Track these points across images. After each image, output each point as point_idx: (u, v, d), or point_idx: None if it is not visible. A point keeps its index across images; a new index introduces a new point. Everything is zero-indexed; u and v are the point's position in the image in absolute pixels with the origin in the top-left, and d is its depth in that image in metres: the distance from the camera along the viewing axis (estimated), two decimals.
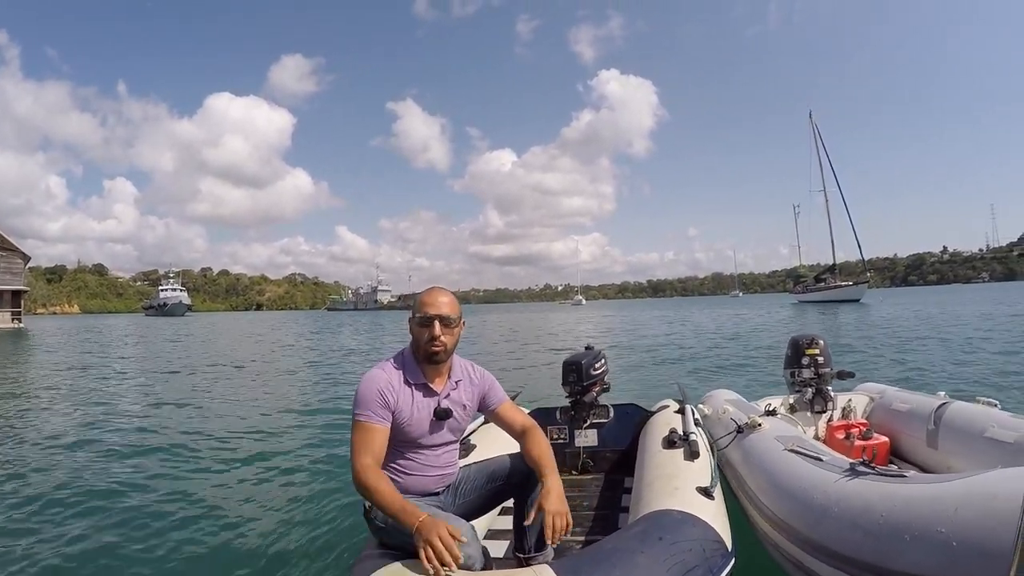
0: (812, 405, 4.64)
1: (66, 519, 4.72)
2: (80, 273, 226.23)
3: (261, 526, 4.47)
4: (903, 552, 2.07)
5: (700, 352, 17.37)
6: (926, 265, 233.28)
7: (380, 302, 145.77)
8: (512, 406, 2.74)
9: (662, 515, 2.42)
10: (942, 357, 13.52)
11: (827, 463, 2.80)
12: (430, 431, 2.49)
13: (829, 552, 2.38)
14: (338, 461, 6.10)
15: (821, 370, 4.65)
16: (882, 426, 4.36)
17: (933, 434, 3.89)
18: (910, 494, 2.22)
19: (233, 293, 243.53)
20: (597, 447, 4.27)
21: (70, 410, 10.00)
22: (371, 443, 2.32)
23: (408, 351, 2.56)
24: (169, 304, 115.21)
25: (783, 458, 3.08)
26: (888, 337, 19.05)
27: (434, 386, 2.51)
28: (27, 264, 55.72)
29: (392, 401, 2.39)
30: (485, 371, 2.73)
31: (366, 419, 2.34)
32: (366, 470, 2.26)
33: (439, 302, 2.49)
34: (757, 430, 3.63)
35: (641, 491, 2.90)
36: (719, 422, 4.12)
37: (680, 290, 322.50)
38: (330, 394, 11.36)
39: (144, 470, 6.07)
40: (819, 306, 52.69)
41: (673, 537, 2.23)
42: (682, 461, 3.09)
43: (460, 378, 2.61)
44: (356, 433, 2.34)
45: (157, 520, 4.64)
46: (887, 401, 4.52)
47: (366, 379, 2.42)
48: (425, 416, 2.47)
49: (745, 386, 9.07)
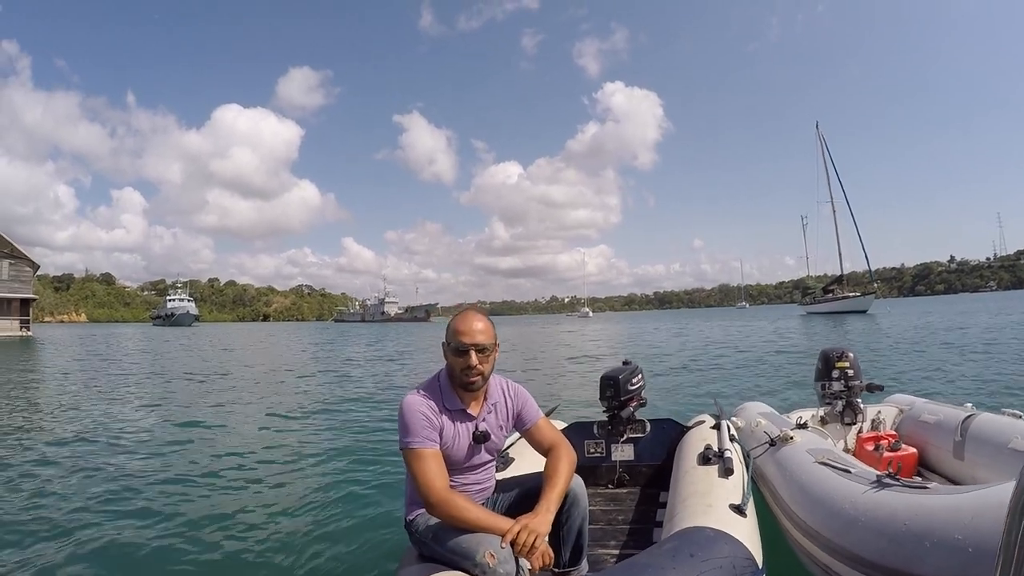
0: (842, 417, 4.70)
1: (88, 535, 4.69)
2: (88, 282, 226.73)
3: (295, 538, 4.49)
4: (923, 558, 2.21)
5: (718, 364, 17.34)
6: (933, 275, 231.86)
7: (387, 314, 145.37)
8: (546, 423, 2.73)
9: (694, 532, 2.46)
10: (954, 367, 13.48)
11: (855, 475, 2.93)
12: (469, 454, 2.52)
13: (857, 559, 2.50)
14: (369, 471, 6.14)
15: (851, 383, 4.69)
16: (911, 437, 4.40)
17: (960, 445, 3.93)
18: (931, 504, 2.37)
19: (240, 304, 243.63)
20: (633, 461, 4.29)
21: (84, 420, 10.04)
22: (436, 467, 2.35)
23: (444, 376, 2.55)
24: (176, 314, 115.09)
25: (814, 470, 3.19)
26: (892, 348, 19.06)
27: (471, 410, 2.53)
28: (36, 272, 55.76)
29: (436, 424, 2.41)
30: (519, 388, 2.73)
31: (420, 445, 2.36)
32: (444, 493, 2.29)
33: (473, 329, 2.47)
34: (789, 443, 3.73)
35: (675, 507, 2.94)
36: (752, 435, 4.18)
37: (687, 302, 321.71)
38: (354, 405, 11.34)
39: (171, 483, 6.05)
40: (827, 317, 52.54)
41: (704, 554, 2.27)
42: (716, 478, 3.13)
43: (496, 400, 2.62)
44: (416, 461, 2.35)
45: (191, 530, 4.68)
46: (916, 413, 4.56)
47: (407, 406, 2.41)
48: (464, 441, 2.49)
49: (769, 396, 9.12)
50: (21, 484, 6.04)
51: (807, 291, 73.61)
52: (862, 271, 69.84)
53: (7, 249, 50.53)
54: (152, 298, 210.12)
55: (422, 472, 2.32)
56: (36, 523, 4.92)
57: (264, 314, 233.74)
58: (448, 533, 2.27)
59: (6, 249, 50.46)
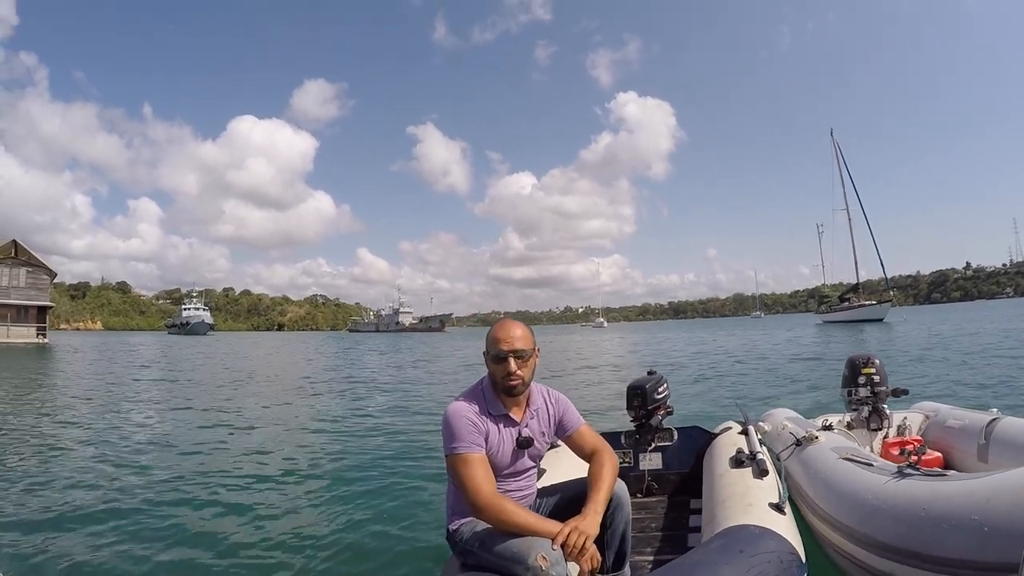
0: (869, 423, 4.75)
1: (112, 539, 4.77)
2: (104, 290, 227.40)
3: (336, 547, 4.51)
4: (941, 539, 2.34)
5: (738, 372, 17.36)
6: (949, 282, 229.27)
7: (402, 324, 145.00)
8: (588, 429, 2.77)
9: (739, 530, 2.55)
10: (971, 373, 13.46)
11: (877, 468, 3.08)
12: (512, 460, 2.56)
13: (879, 545, 2.64)
14: (401, 483, 6.19)
15: (877, 388, 4.73)
16: (936, 443, 4.44)
17: (984, 449, 3.99)
18: (949, 489, 2.50)
19: (255, 313, 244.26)
20: (662, 470, 4.33)
21: (106, 425, 10.21)
22: (484, 472, 2.38)
23: (486, 383, 2.60)
24: (192, 323, 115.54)
25: (838, 466, 3.32)
26: (908, 355, 19.00)
27: (514, 416, 2.58)
28: (52, 280, 56.25)
29: (482, 429, 2.46)
30: (560, 395, 2.78)
31: (467, 450, 2.39)
32: (493, 497, 2.33)
33: (512, 336, 2.54)
34: (815, 443, 3.83)
35: (714, 509, 3.01)
36: (778, 438, 4.25)
37: (701, 311, 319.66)
38: (384, 413, 11.46)
39: (200, 493, 6.07)
40: (843, 326, 52.29)
41: (752, 550, 2.35)
42: (751, 479, 3.19)
43: (538, 406, 2.67)
44: (463, 467, 2.37)
45: (224, 540, 4.74)
46: (941, 418, 4.60)
47: (452, 412, 2.45)
48: (508, 446, 2.53)
49: (791, 401, 9.17)
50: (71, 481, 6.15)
51: (823, 300, 73.36)
52: (877, 279, 69.32)
53: (25, 257, 51.16)
54: (167, 307, 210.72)
55: (470, 477, 2.35)
56: (104, 520, 5.07)
57: (279, 323, 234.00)
58: (496, 539, 2.29)
59: (24, 257, 51.07)
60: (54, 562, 4.30)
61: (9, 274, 49.80)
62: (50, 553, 4.45)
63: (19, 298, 50.00)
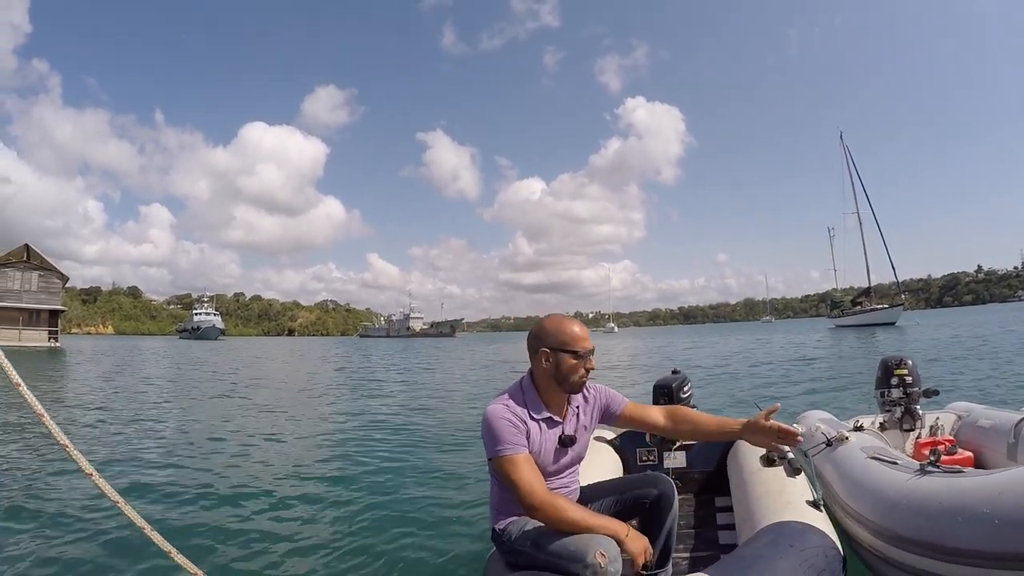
0: (901, 424, 4.77)
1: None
2: (115, 295, 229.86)
3: (368, 548, 4.51)
4: (956, 531, 2.43)
5: (755, 374, 17.40)
6: (961, 285, 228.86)
7: (412, 329, 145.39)
8: (636, 404, 2.79)
9: (784, 525, 2.63)
10: (981, 376, 13.50)
11: (901, 465, 3.17)
12: (555, 459, 2.53)
13: (900, 538, 2.72)
14: (437, 484, 6.18)
15: (909, 389, 4.76)
16: (968, 443, 4.44)
17: (1013, 447, 3.99)
18: (965, 484, 2.59)
19: (265, 318, 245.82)
20: (686, 468, 4.34)
21: (125, 431, 10.20)
22: (532, 471, 2.35)
23: (527, 384, 2.56)
24: (202, 328, 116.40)
25: (865, 464, 3.40)
26: (921, 358, 18.87)
27: (556, 416, 2.55)
28: (64, 284, 56.62)
29: (524, 430, 2.42)
30: (598, 385, 2.75)
31: (512, 451, 2.35)
32: (547, 495, 2.30)
33: (588, 334, 2.53)
34: (845, 443, 3.85)
35: (749, 507, 3.09)
36: (811, 438, 4.24)
37: (712, 316, 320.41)
38: (407, 416, 11.44)
39: (238, 496, 6.04)
40: (855, 330, 52.14)
41: (802, 544, 2.45)
42: (785, 478, 3.26)
43: (579, 402, 2.66)
44: (512, 468, 2.33)
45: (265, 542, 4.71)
46: (973, 419, 4.60)
47: (493, 415, 2.41)
48: (551, 447, 2.50)
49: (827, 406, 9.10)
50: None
51: (835, 304, 73.10)
52: (889, 283, 69.29)
53: (37, 261, 51.68)
54: (178, 312, 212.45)
55: (520, 478, 2.32)
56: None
57: (289, 329, 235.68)
58: (550, 537, 2.28)
59: (36, 261, 51.56)
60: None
61: (21, 278, 50.26)
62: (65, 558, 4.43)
63: (31, 302, 50.42)
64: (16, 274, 50.09)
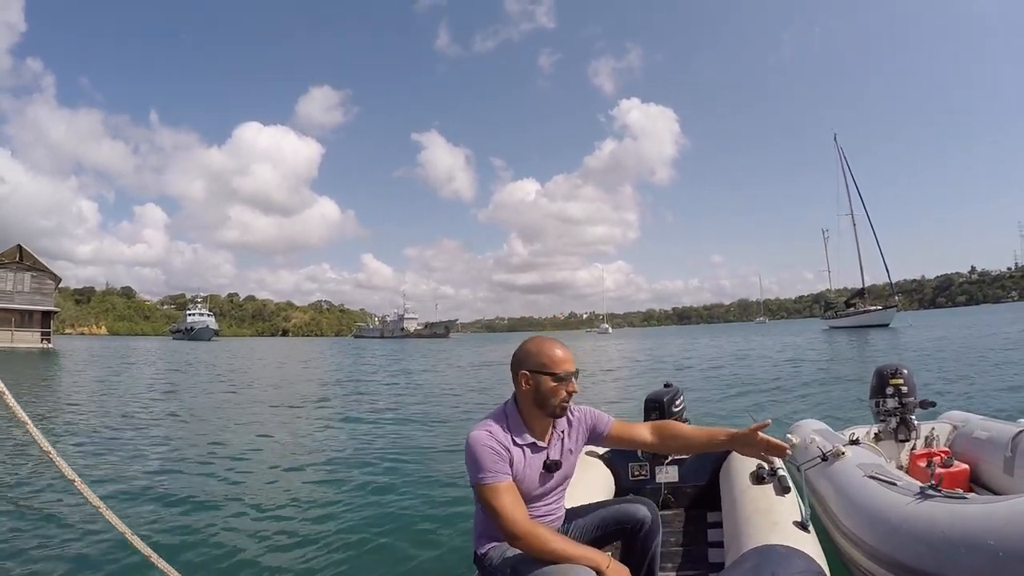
0: (896, 434, 4.70)
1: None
2: (108, 295, 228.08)
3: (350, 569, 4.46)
4: (958, 561, 2.39)
5: (751, 379, 17.16)
6: (954, 286, 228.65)
7: (407, 330, 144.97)
8: (622, 422, 2.70)
9: (768, 550, 2.53)
10: (976, 381, 13.50)
11: (901, 487, 3.08)
12: (540, 483, 2.46)
13: (899, 565, 2.68)
14: (421, 501, 6.07)
15: (905, 399, 4.69)
16: (963, 454, 4.38)
17: (1010, 461, 3.92)
18: (967, 512, 2.55)
19: (259, 319, 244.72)
20: (678, 483, 4.29)
21: (122, 436, 10.15)
22: (514, 499, 2.30)
23: (510, 408, 2.50)
24: (196, 328, 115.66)
25: (863, 483, 3.33)
26: (914, 360, 18.94)
27: (540, 441, 2.48)
28: (57, 285, 56.42)
29: (506, 456, 2.36)
30: (582, 407, 2.67)
31: (494, 479, 2.29)
32: (528, 525, 2.25)
33: (571, 357, 2.45)
34: (841, 458, 3.80)
35: (737, 526, 3.00)
36: (806, 451, 4.21)
37: (706, 317, 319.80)
38: (398, 427, 11.34)
39: (217, 509, 5.97)
40: (849, 331, 52.43)
41: (784, 571, 2.35)
42: (774, 496, 3.17)
43: (564, 426, 2.58)
44: (493, 496, 2.28)
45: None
46: (969, 430, 4.54)
47: (475, 442, 2.35)
48: (535, 472, 2.44)
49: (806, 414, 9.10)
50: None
51: (829, 305, 73.42)
52: (882, 284, 69.33)
53: (30, 262, 51.51)
54: (172, 312, 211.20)
55: (502, 506, 2.26)
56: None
57: (283, 329, 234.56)
58: (530, 566, 2.24)
59: (28, 262, 51.39)
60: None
61: (14, 279, 50.09)
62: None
63: (24, 303, 50.26)
64: (8, 275, 49.88)
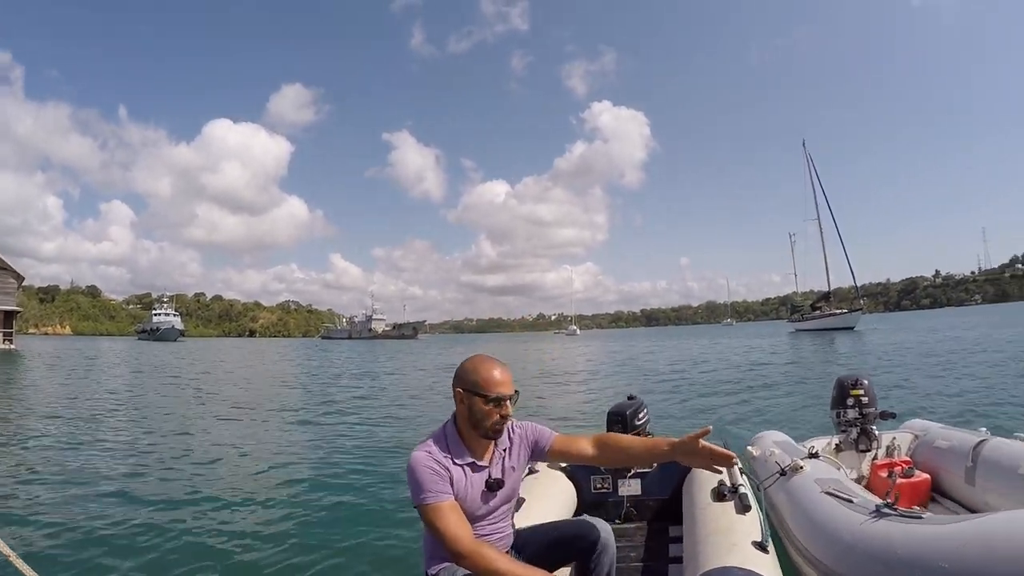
0: (857, 444, 4.69)
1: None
2: (73, 294, 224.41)
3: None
4: None
5: (716, 387, 16.96)
6: (919, 289, 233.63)
7: (374, 331, 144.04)
8: (565, 435, 2.65)
9: (727, 572, 2.48)
10: (937, 386, 13.67)
11: (857, 504, 3.09)
12: (483, 502, 2.43)
13: None
14: (377, 517, 5.87)
15: (865, 410, 4.68)
16: (924, 464, 4.39)
17: (971, 471, 3.95)
18: (924, 533, 2.55)
19: (226, 319, 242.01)
20: (640, 496, 4.25)
21: (75, 439, 9.98)
22: (457, 518, 2.27)
23: (450, 428, 2.47)
24: (162, 329, 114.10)
25: (820, 500, 3.33)
26: (876, 363, 19.20)
27: (482, 461, 2.45)
28: (20, 284, 55.27)
29: (446, 477, 2.33)
30: (524, 423, 2.64)
31: (436, 499, 2.27)
32: (473, 544, 2.22)
33: (508, 380, 2.40)
34: (799, 473, 3.78)
35: (696, 546, 2.94)
36: (765, 464, 4.20)
37: (674, 319, 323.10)
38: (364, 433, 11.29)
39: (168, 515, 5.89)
40: (814, 334, 53.15)
41: None
42: (734, 515, 3.11)
43: (505, 444, 2.54)
44: (436, 516, 2.26)
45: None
46: (930, 439, 4.56)
47: (416, 463, 2.32)
48: (477, 492, 2.41)
49: (766, 423, 9.16)
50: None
51: (795, 308, 74.39)
52: (848, 287, 70.42)
53: None
54: (138, 312, 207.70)
55: (444, 526, 2.24)
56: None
57: (250, 330, 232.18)
58: None
59: None
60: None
61: None
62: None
63: None
64: None
